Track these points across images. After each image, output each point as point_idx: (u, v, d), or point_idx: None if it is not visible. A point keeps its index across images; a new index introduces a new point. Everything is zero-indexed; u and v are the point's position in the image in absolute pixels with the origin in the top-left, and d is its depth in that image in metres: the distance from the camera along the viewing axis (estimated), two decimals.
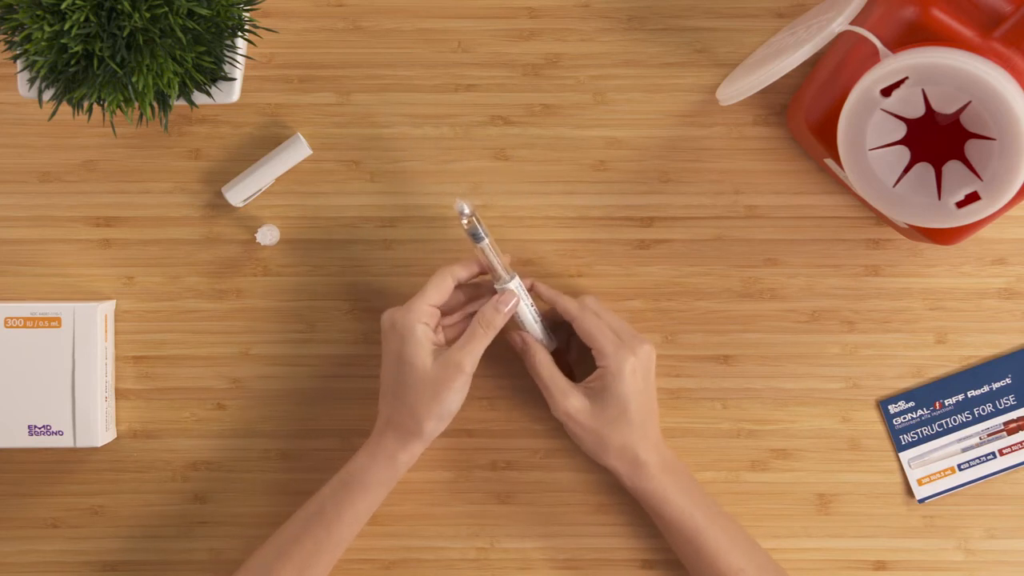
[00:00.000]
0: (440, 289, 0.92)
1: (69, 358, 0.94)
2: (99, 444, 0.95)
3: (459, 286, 0.94)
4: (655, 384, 0.95)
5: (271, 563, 0.91)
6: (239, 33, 0.89)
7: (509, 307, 0.92)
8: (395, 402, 0.91)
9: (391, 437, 0.92)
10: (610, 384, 0.92)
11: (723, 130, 0.98)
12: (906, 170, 0.86)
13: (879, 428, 0.99)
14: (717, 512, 0.94)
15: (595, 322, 0.93)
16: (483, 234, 0.91)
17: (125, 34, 0.83)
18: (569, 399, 0.93)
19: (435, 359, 0.90)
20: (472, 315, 0.94)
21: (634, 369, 0.92)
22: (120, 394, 0.99)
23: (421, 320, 0.90)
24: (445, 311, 0.94)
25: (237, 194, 0.97)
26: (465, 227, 0.91)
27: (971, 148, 0.84)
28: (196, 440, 0.99)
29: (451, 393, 0.90)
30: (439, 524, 0.99)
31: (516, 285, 0.93)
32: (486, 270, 0.93)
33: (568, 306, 0.94)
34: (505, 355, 0.98)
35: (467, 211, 0.91)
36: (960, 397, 0.98)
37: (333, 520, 0.91)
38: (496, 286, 0.93)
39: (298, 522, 0.92)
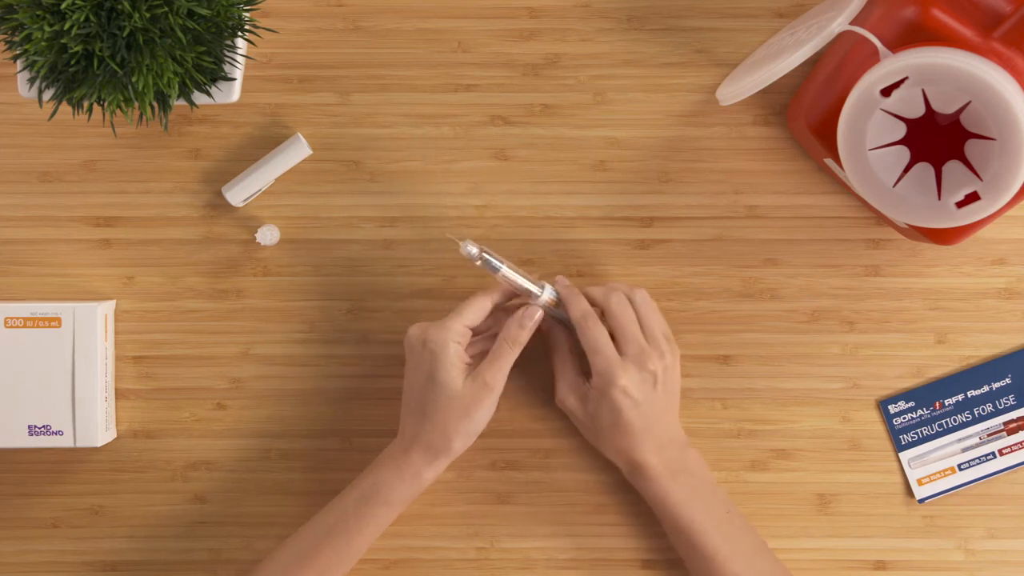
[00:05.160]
0: (478, 311, 0.92)
1: (69, 358, 0.94)
2: (99, 444, 0.95)
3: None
4: (673, 390, 0.93)
5: (288, 568, 0.91)
6: (239, 33, 0.89)
7: (533, 322, 0.92)
8: (423, 420, 0.91)
9: (418, 454, 0.91)
10: (600, 398, 0.92)
11: (723, 130, 0.98)
12: (906, 170, 0.86)
13: (879, 428, 0.99)
14: (723, 517, 0.93)
15: (592, 334, 0.92)
16: (498, 263, 0.92)
17: (125, 34, 0.83)
18: (568, 396, 0.93)
19: (465, 378, 0.90)
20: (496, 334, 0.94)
21: (625, 389, 0.91)
22: (120, 394, 0.99)
23: (455, 339, 0.90)
24: (474, 331, 0.94)
25: (237, 194, 0.97)
26: (479, 265, 0.92)
27: (971, 148, 0.84)
28: (196, 440, 0.99)
29: (481, 412, 0.90)
30: (439, 524, 0.99)
31: (550, 293, 0.93)
32: (517, 293, 0.93)
33: (572, 314, 0.93)
34: None
35: (474, 252, 0.91)
36: (960, 397, 0.98)
37: (355, 534, 0.92)
38: (532, 302, 0.93)
39: (318, 531, 0.92)
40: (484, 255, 0.91)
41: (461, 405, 0.90)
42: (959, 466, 0.98)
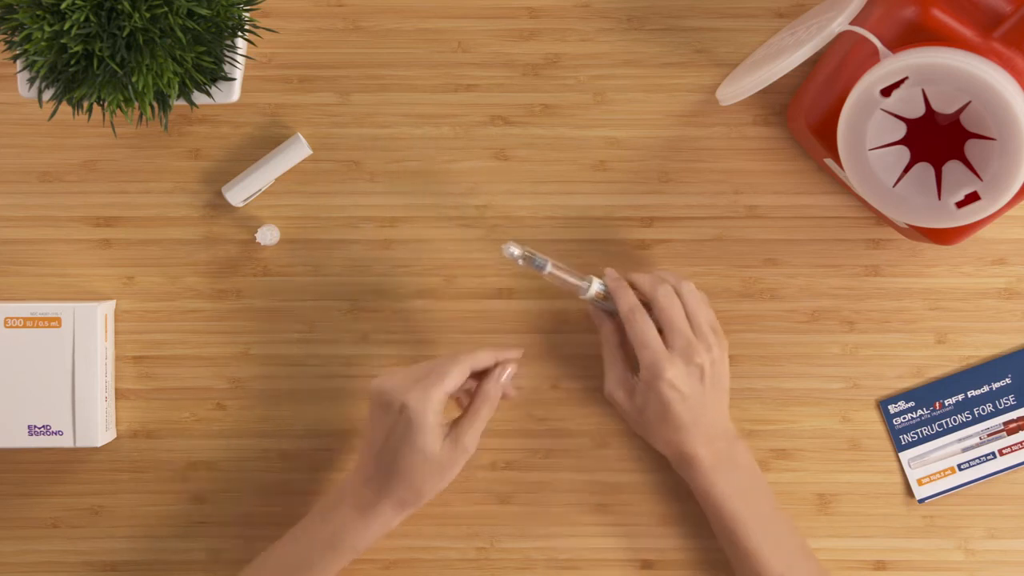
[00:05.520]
0: (459, 379, 0.90)
1: (69, 358, 0.94)
2: (99, 444, 0.95)
3: None
4: (721, 383, 0.93)
5: None
6: (239, 33, 0.89)
7: (506, 377, 0.92)
8: (395, 477, 0.89)
9: (388, 508, 0.90)
10: (648, 391, 0.92)
11: (723, 130, 0.98)
12: (906, 170, 0.86)
13: (879, 428, 0.99)
14: (767, 515, 0.93)
15: (639, 328, 0.92)
16: (542, 261, 0.92)
17: (125, 34, 0.83)
18: (617, 390, 0.94)
19: (442, 441, 0.89)
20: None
21: (672, 382, 0.91)
22: (120, 394, 0.99)
23: (436, 410, 0.88)
24: None
25: (237, 194, 0.97)
26: (523, 265, 0.92)
27: (971, 148, 0.84)
28: (196, 440, 0.99)
29: (456, 470, 0.90)
30: (439, 524, 0.99)
31: (598, 286, 0.94)
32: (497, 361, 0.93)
33: (620, 308, 0.93)
34: None
35: (516, 253, 0.92)
36: (960, 397, 0.98)
37: None
38: (581, 296, 0.94)
39: (280, 571, 0.90)
40: (527, 255, 0.92)
41: (438, 469, 0.89)
42: (959, 466, 0.98)
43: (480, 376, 0.93)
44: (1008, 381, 0.98)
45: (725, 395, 0.94)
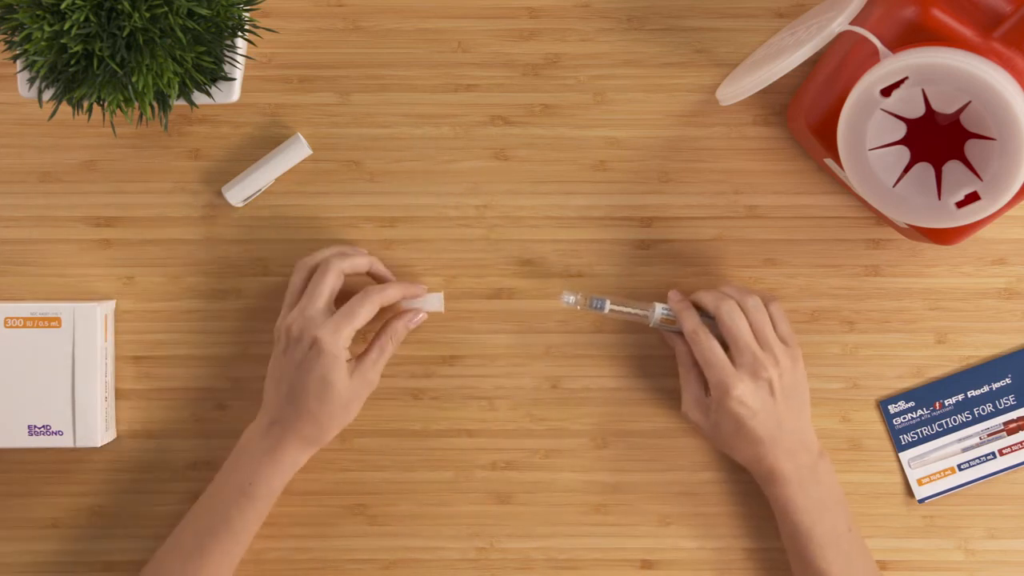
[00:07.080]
0: (368, 316, 0.92)
1: (69, 358, 0.94)
2: (99, 444, 0.95)
3: None
4: (794, 395, 0.93)
5: (176, 574, 0.91)
6: (239, 33, 0.89)
7: (416, 322, 0.95)
8: (301, 414, 0.91)
9: (295, 446, 0.92)
10: (719, 409, 0.92)
11: (723, 130, 0.98)
12: (906, 170, 0.86)
13: (879, 428, 0.99)
14: (841, 535, 0.93)
15: (703, 347, 0.92)
16: (600, 302, 0.95)
17: (125, 34, 0.83)
18: (693, 409, 0.94)
19: (349, 376, 0.91)
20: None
21: (740, 399, 0.91)
22: (120, 394, 0.99)
23: (346, 346, 0.91)
24: None
25: (237, 194, 0.97)
26: (580, 310, 0.95)
27: (971, 148, 0.84)
28: (196, 440, 0.99)
29: (360, 405, 0.93)
30: (439, 524, 0.99)
31: (661, 312, 0.95)
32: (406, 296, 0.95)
33: (684, 329, 0.94)
34: (504, 355, 0.98)
35: (572, 300, 0.94)
36: (960, 397, 0.98)
37: (241, 531, 0.91)
38: (649, 325, 0.96)
39: (199, 533, 0.91)
40: (586, 299, 0.94)
41: (345, 402, 0.91)
42: (959, 466, 0.98)
43: (386, 310, 0.94)
44: (1008, 381, 0.98)
45: (803, 406, 0.94)
